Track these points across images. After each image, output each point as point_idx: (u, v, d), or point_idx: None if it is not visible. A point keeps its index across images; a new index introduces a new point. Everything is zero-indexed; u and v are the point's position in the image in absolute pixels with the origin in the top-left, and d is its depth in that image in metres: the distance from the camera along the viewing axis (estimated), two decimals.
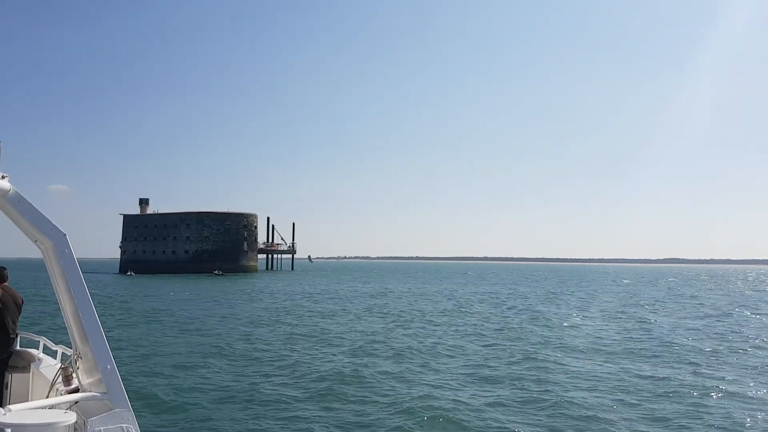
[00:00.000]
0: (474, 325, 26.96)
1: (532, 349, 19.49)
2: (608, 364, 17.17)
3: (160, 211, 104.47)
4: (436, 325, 26.51)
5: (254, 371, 15.47)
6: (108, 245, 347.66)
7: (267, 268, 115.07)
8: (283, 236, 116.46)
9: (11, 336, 5.25)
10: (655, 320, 30.13)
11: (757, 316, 33.98)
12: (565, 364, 16.86)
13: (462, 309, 35.50)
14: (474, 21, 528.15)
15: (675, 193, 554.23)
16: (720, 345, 21.60)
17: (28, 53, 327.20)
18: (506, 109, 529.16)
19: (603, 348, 20.32)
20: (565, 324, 27.68)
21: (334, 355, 18.15)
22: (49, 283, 4.24)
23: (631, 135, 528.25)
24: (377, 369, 15.71)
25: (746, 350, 20.38)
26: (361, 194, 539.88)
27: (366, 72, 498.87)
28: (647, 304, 41.66)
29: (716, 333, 25.41)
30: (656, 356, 18.80)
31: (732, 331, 25.96)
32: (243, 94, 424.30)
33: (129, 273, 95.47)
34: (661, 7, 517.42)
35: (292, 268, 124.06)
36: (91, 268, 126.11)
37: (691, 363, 17.66)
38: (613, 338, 23.02)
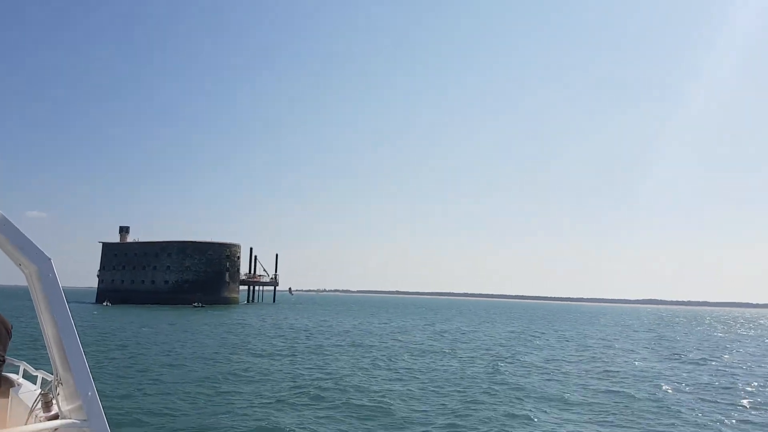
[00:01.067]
0: (442, 366, 26.09)
1: (498, 394, 18.86)
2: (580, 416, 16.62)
3: (140, 240, 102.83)
4: (403, 368, 25.51)
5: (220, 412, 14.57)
6: (86, 273, 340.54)
7: (248, 300, 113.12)
8: (264, 267, 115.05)
9: None
10: (634, 364, 29.71)
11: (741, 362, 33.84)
12: (535, 415, 16.11)
13: (434, 348, 34.66)
14: (460, 52, 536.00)
15: (655, 233, 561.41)
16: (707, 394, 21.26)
17: (5, 77, 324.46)
18: (491, 145, 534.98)
19: (578, 399, 19.74)
20: (542, 367, 27.03)
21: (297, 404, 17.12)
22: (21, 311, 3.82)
23: (616, 176, 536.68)
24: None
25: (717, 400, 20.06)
26: (341, 226, 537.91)
27: (350, 106, 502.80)
28: (627, 347, 41.36)
29: (704, 382, 25.08)
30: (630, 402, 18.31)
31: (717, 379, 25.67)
32: (227, 121, 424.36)
33: (105, 303, 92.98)
34: (655, 42, 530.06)
35: (274, 301, 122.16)
36: (66, 296, 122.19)
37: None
38: (588, 384, 22.49)
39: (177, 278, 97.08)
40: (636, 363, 29.68)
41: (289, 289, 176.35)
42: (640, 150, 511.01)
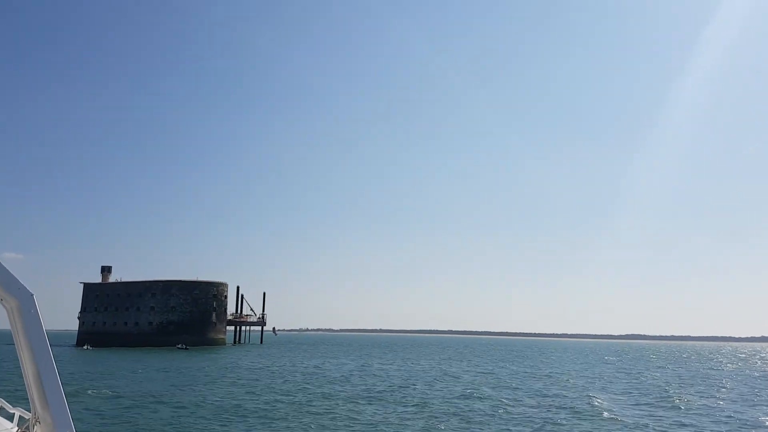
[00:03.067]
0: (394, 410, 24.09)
1: None
2: None
3: (123, 279, 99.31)
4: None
5: None
6: (66, 316, 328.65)
7: (235, 341, 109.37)
8: (252, 306, 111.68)
9: None
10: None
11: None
12: None
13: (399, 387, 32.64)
14: (444, 98, 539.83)
15: (636, 266, 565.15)
16: None
17: None
18: (464, 181, 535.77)
19: None
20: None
21: None
22: None
23: (597, 210, 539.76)
24: None
25: None
26: (323, 264, 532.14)
27: (345, 141, 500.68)
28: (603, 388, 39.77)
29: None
30: None
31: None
32: (212, 158, 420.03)
33: (86, 346, 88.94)
34: (620, 79, 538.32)
35: (261, 341, 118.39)
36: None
37: None
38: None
39: (162, 319, 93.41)
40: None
41: (273, 329, 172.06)
42: (619, 183, 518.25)
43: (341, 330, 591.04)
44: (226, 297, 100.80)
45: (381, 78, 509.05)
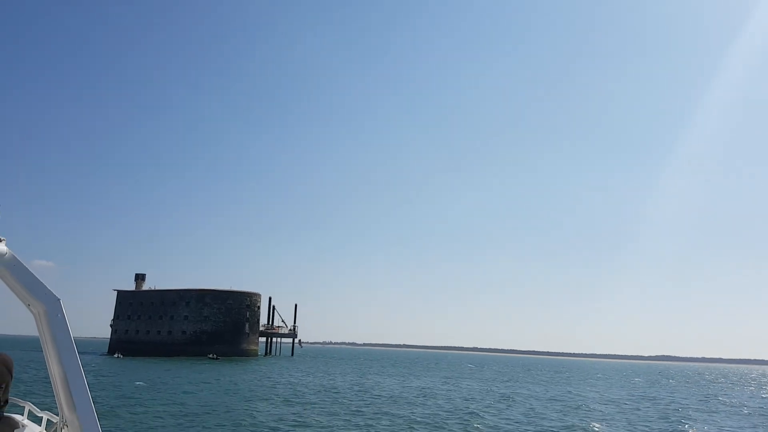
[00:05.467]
0: None
1: None
2: None
3: (157, 287, 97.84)
4: None
5: None
6: (100, 323, 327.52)
7: (266, 353, 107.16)
8: (283, 318, 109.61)
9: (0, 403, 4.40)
10: None
11: None
12: None
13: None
14: (459, 116, 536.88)
15: (667, 287, 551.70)
16: None
17: (21, 128, 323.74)
18: (494, 201, 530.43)
19: None
20: None
21: None
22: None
23: (627, 229, 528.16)
24: None
25: None
26: (350, 278, 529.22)
27: (378, 159, 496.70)
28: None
29: None
30: None
31: None
32: (246, 171, 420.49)
33: (117, 355, 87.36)
34: (644, 95, 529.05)
35: (292, 354, 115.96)
36: (76, 346, 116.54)
37: None
38: None
39: (194, 329, 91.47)
40: None
41: (299, 341, 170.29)
42: (645, 204, 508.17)
43: (365, 344, 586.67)
44: (259, 308, 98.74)
45: (414, 96, 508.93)
